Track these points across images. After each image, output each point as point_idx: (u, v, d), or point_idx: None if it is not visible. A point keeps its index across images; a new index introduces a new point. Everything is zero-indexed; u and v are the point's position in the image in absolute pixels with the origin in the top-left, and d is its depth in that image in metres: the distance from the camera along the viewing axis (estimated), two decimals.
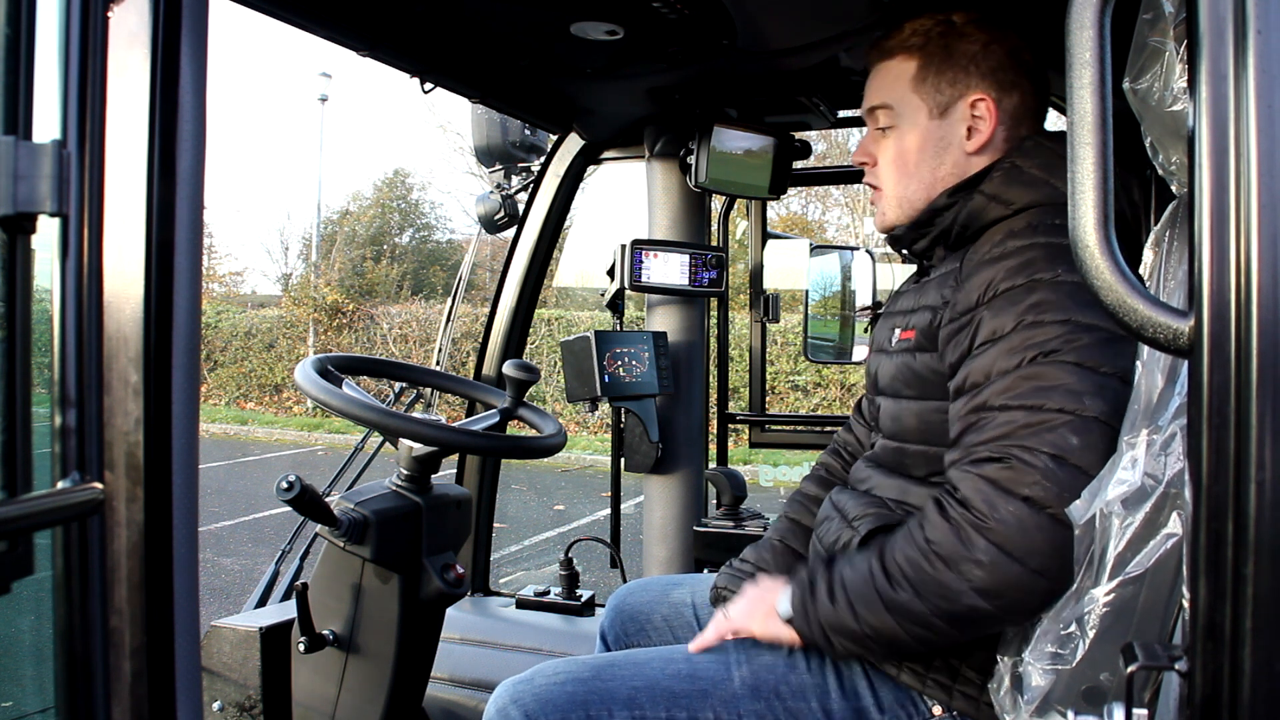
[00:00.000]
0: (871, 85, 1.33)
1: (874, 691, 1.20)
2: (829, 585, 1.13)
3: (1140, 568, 0.88)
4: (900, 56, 1.29)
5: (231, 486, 8.54)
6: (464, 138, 16.81)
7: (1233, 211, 0.57)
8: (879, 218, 1.36)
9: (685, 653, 1.26)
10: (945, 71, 1.27)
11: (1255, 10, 0.56)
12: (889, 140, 1.31)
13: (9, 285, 0.60)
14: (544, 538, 6.70)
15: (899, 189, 1.31)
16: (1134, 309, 0.61)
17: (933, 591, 1.03)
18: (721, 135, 2.18)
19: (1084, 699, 0.94)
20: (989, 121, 1.26)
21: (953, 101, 1.27)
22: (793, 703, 1.19)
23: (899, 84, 1.29)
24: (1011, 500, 1.00)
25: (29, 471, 0.61)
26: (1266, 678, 0.56)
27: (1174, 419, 0.87)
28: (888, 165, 1.31)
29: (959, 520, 1.02)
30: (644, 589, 1.59)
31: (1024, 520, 0.99)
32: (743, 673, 1.22)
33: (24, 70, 0.61)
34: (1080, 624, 0.93)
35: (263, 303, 17.67)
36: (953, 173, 1.27)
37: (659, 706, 1.19)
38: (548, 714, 1.18)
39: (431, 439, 1.49)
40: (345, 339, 14.37)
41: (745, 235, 3.03)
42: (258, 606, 2.01)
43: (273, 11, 1.49)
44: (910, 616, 1.06)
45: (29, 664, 1.22)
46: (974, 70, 1.26)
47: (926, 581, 1.04)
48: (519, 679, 1.23)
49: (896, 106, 1.29)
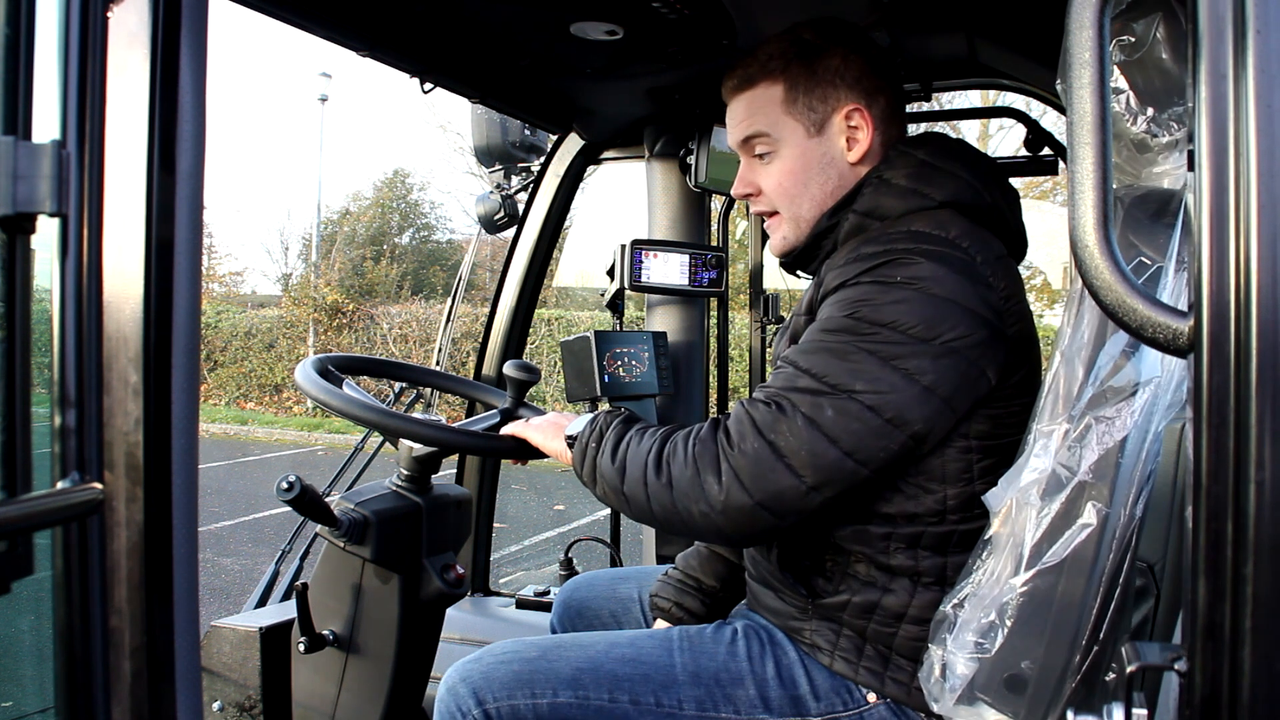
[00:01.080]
0: (738, 116, 1.33)
1: (810, 679, 1.23)
2: (615, 443, 1.23)
3: (1057, 558, 0.91)
4: (763, 83, 1.29)
5: (231, 486, 8.54)
6: (464, 138, 16.82)
7: (1233, 211, 0.57)
8: (778, 242, 1.36)
9: (630, 637, 1.30)
10: (814, 89, 1.28)
11: (1255, 10, 0.56)
12: (771, 166, 1.31)
13: (9, 285, 0.60)
14: (544, 538, 6.71)
15: (794, 209, 1.31)
16: (1134, 309, 0.61)
17: (679, 489, 1.14)
18: (721, 135, 2.18)
19: (1006, 686, 0.96)
20: (866, 130, 1.28)
21: (827, 117, 1.28)
22: (731, 689, 1.23)
23: (770, 109, 1.29)
24: (759, 439, 1.10)
25: (29, 471, 0.61)
26: (1266, 678, 0.56)
27: (1088, 410, 0.90)
28: (775, 190, 1.32)
29: (716, 441, 1.14)
30: (591, 583, 1.63)
31: (762, 459, 1.09)
32: (684, 659, 1.25)
33: (24, 70, 0.61)
34: (1000, 613, 0.95)
35: (263, 303, 17.66)
36: (840, 185, 1.29)
37: (601, 688, 1.23)
38: (495, 692, 1.23)
39: (431, 439, 1.49)
40: (345, 339, 14.37)
41: (745, 235, 3.02)
42: (258, 606, 2.01)
43: (273, 11, 1.49)
44: (658, 498, 1.16)
45: (29, 664, 1.22)
46: (840, 83, 1.28)
47: (679, 479, 1.15)
48: (468, 659, 1.28)
49: (772, 132, 1.29)
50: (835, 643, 1.22)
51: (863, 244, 1.19)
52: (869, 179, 1.26)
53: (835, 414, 1.09)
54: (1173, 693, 0.79)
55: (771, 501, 1.10)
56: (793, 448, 1.09)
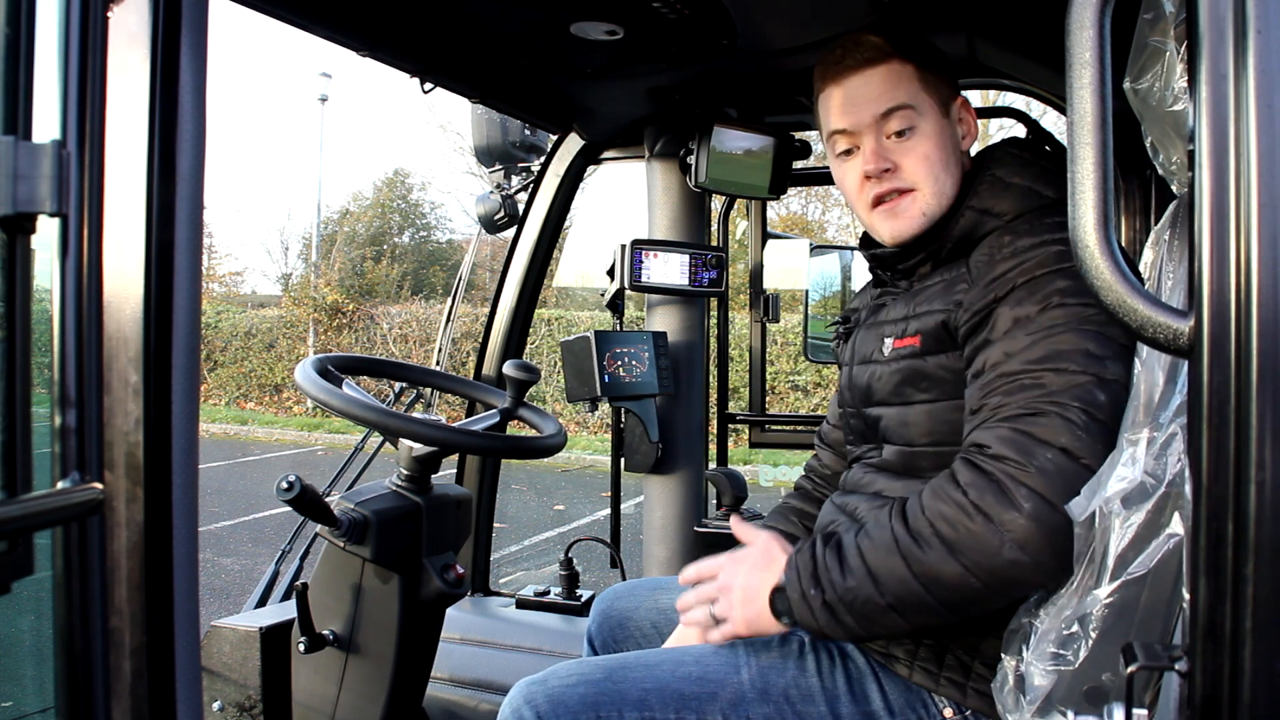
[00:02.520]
0: (874, 89, 1.27)
1: (884, 695, 1.19)
2: (840, 559, 1.09)
3: (1143, 568, 0.87)
4: (895, 60, 1.27)
5: (231, 486, 8.53)
6: (464, 138, 16.83)
7: (1233, 211, 0.57)
8: (915, 219, 1.27)
9: (696, 654, 1.26)
10: (940, 73, 1.29)
11: (1255, 10, 0.56)
12: (912, 141, 1.27)
13: (9, 285, 0.60)
14: (544, 538, 6.70)
15: (938, 184, 1.26)
16: (1134, 309, 0.61)
17: (969, 547, 0.99)
18: (721, 135, 2.18)
19: (1086, 699, 0.93)
20: (970, 120, 1.31)
21: (949, 101, 1.29)
22: (801, 706, 1.19)
23: (909, 84, 1.26)
24: (1049, 449, 0.98)
25: (29, 471, 0.61)
26: (1266, 678, 0.56)
27: (1174, 418, 0.87)
28: (921, 164, 1.26)
29: (996, 472, 1.00)
30: (631, 592, 1.60)
31: (1063, 468, 0.97)
32: (751, 675, 1.22)
33: (24, 70, 0.61)
34: (1083, 624, 0.93)
35: (263, 303, 17.67)
36: (960, 173, 1.29)
37: (668, 708, 1.19)
38: (559, 714, 1.19)
39: (431, 439, 1.49)
40: (345, 339, 14.37)
41: (745, 235, 3.03)
42: (258, 606, 2.01)
43: (273, 11, 1.49)
44: (939, 580, 1.02)
45: (29, 664, 1.22)
46: (949, 73, 1.30)
47: (962, 538, 1.00)
48: (533, 679, 1.24)
49: (918, 106, 1.26)
50: (915, 651, 1.18)
51: (1017, 238, 1.16)
52: (983, 176, 1.25)
53: (1106, 398, 1.00)
54: (1173, 693, 0.79)
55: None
56: (1084, 447, 0.98)
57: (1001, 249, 1.16)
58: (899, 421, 1.26)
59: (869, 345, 1.32)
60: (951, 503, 1.02)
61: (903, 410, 1.25)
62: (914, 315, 1.25)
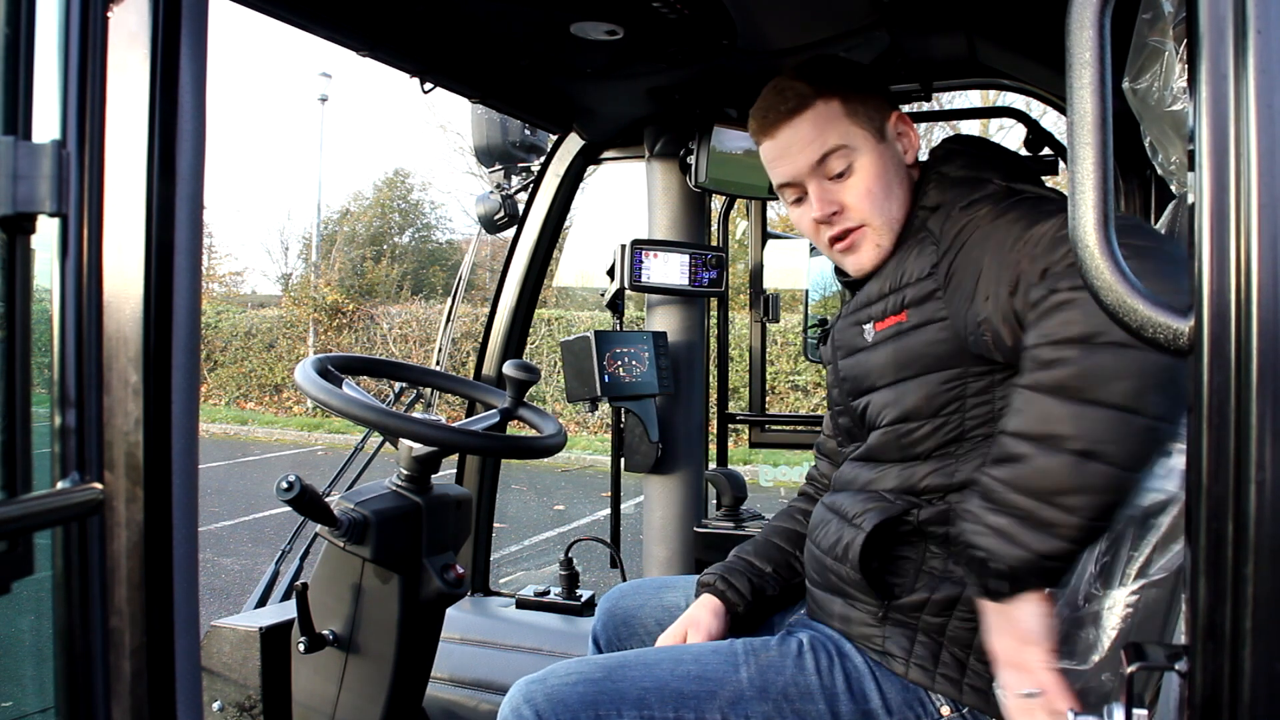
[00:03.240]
0: (804, 138, 1.29)
1: (882, 693, 1.20)
2: (1011, 519, 0.93)
3: (1165, 571, 0.87)
4: (819, 102, 1.29)
5: (231, 486, 8.53)
6: (464, 138, 16.83)
7: (1233, 211, 0.57)
8: (872, 253, 1.30)
9: (694, 653, 1.27)
10: (866, 99, 1.31)
11: (1255, 10, 0.56)
12: (852, 179, 1.29)
13: (9, 285, 0.60)
14: (544, 538, 6.70)
15: (884, 215, 1.29)
16: (1134, 309, 0.61)
17: (1108, 429, 0.87)
18: (721, 135, 2.18)
19: (1085, 698, 0.93)
20: (910, 132, 1.34)
21: (883, 124, 1.32)
22: (800, 704, 1.20)
23: (837, 123, 1.29)
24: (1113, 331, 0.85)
25: (29, 471, 0.61)
26: (1266, 678, 0.56)
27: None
28: (864, 199, 1.29)
29: (1068, 353, 0.91)
30: (636, 591, 1.60)
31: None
32: (750, 673, 1.22)
33: (24, 70, 0.61)
34: (1098, 625, 0.92)
35: (263, 303, 17.67)
36: (909, 186, 1.32)
37: (667, 707, 1.20)
38: (558, 713, 1.20)
39: (431, 439, 1.49)
40: (345, 339, 14.37)
41: (745, 235, 3.03)
42: (258, 606, 2.01)
43: (273, 11, 1.50)
44: (1105, 475, 0.88)
45: (29, 664, 1.22)
46: (878, 93, 1.34)
47: (1096, 423, 0.88)
48: (532, 678, 1.25)
49: (849, 143, 1.29)
50: (910, 649, 1.19)
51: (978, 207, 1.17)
52: (928, 176, 1.29)
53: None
54: (1173, 693, 0.79)
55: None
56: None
57: (956, 207, 1.21)
58: (890, 403, 1.24)
59: (849, 336, 1.32)
60: (1066, 404, 0.91)
61: (895, 390, 1.24)
62: (888, 293, 1.25)
